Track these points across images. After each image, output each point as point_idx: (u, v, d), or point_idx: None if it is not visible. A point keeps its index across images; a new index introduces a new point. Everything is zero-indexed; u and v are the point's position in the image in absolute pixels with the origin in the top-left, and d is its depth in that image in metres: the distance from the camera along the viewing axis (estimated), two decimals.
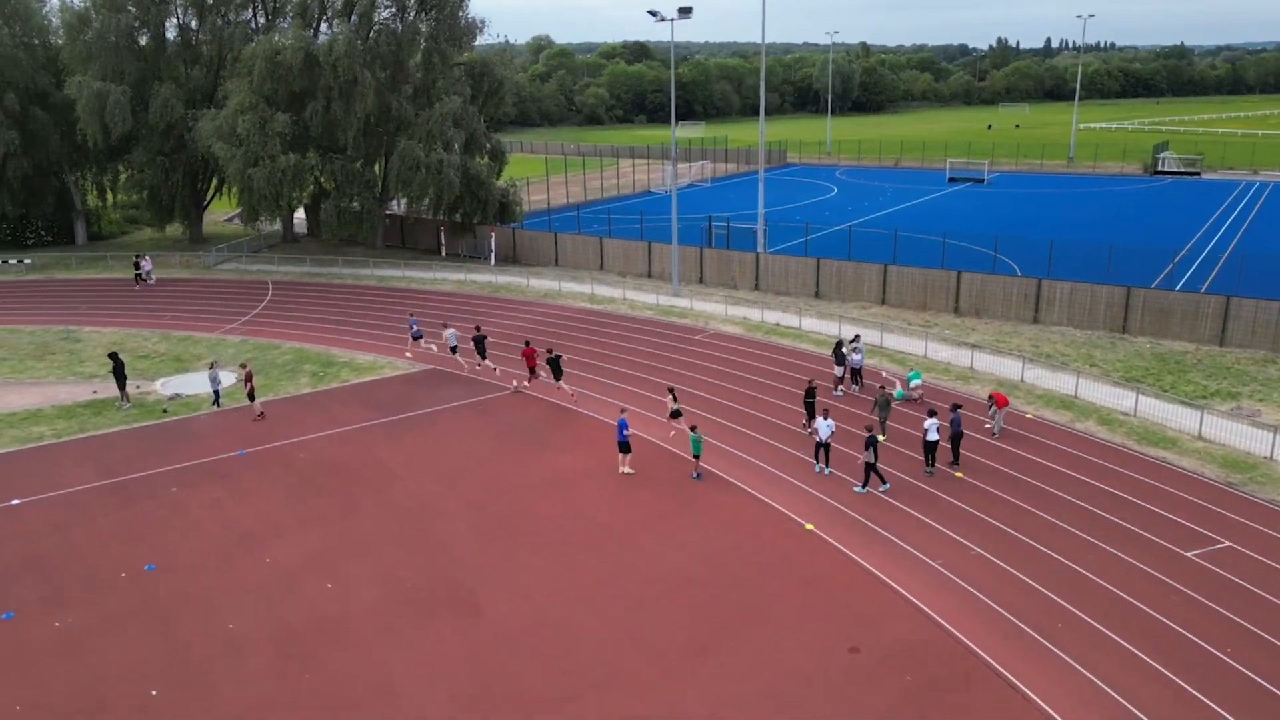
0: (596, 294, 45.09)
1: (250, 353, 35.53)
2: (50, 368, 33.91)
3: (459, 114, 50.37)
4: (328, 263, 52.39)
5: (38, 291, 46.65)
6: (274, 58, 47.16)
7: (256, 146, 46.78)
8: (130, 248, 58.10)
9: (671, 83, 44.96)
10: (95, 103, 49.21)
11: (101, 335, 38.20)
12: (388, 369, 33.69)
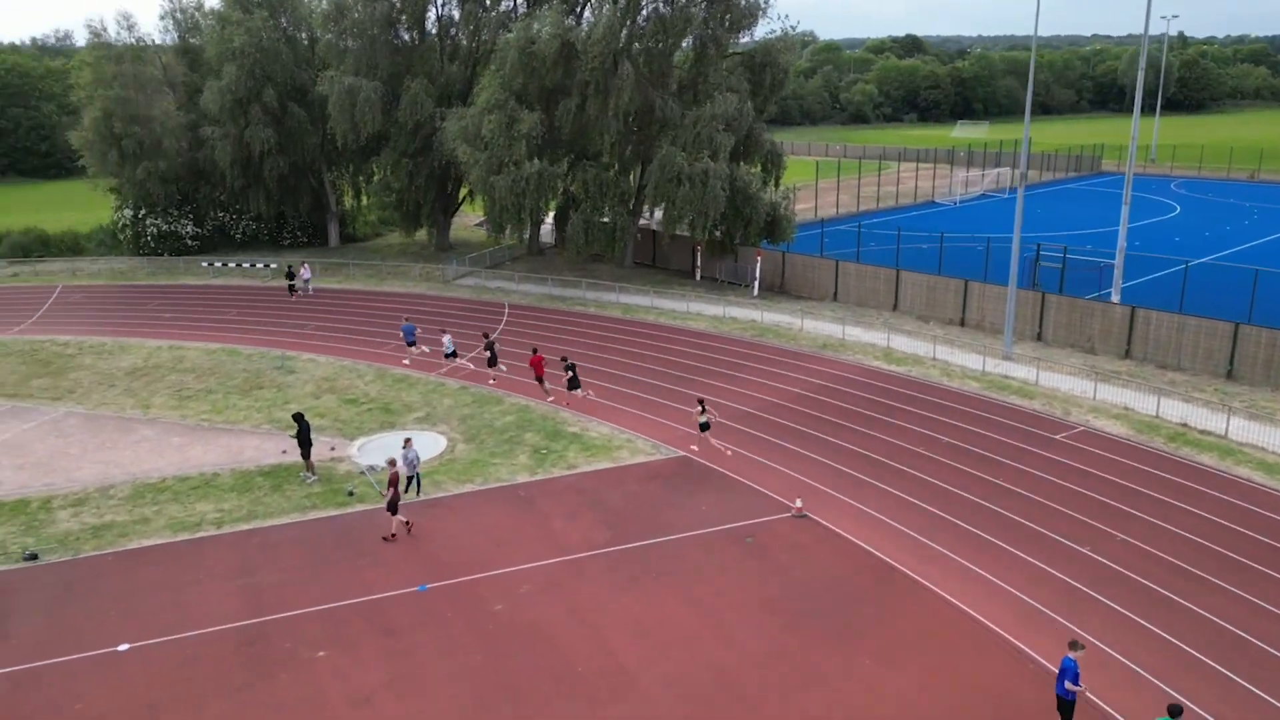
0: (894, 349, 34.61)
1: (468, 408, 28.92)
2: (252, 408, 29.20)
3: (732, 115, 41.65)
4: (571, 283, 45.87)
5: (274, 302, 43.86)
6: (527, 48, 41.00)
7: (501, 150, 40.89)
8: (379, 253, 55.34)
9: (1031, 70, 33.24)
10: (346, 99, 45.85)
11: (316, 366, 33.49)
12: (625, 450, 25.55)
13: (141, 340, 36.79)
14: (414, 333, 34.47)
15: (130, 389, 30.88)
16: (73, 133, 51.83)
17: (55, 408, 29.14)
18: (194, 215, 54.36)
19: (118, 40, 51.07)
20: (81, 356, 34.62)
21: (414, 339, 34.27)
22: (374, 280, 47.87)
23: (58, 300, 44.04)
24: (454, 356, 32.86)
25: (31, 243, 54.54)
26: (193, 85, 52.78)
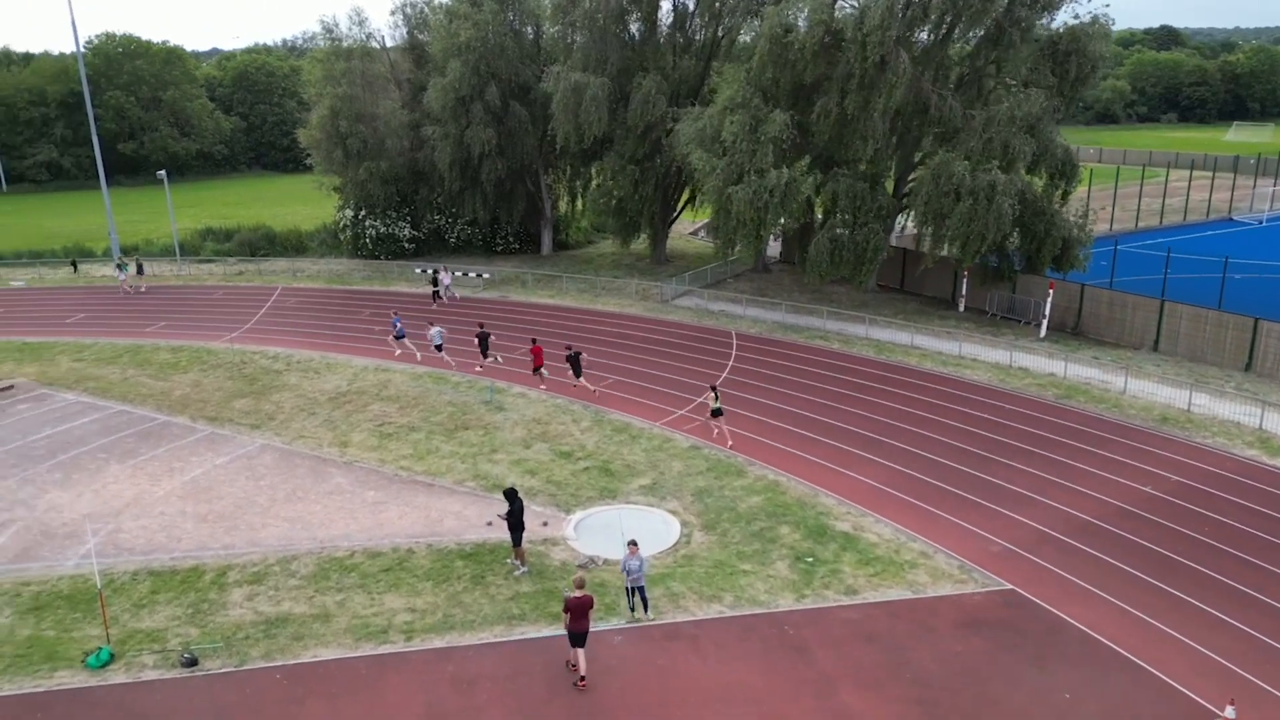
0: (1272, 433, 25.63)
1: (703, 478, 23.33)
2: (456, 455, 25.12)
3: (1036, 115, 33.60)
4: (806, 310, 39.45)
5: (486, 317, 40.51)
6: (782, 38, 34.93)
7: (743, 156, 35.12)
8: (591, 264, 51.40)
9: None
10: (571, 97, 41.76)
11: (527, 403, 29.17)
12: (922, 570, 18.93)
13: (349, 358, 34.18)
14: (398, 324, 34.82)
15: (330, 420, 27.81)
16: (301, 130, 51.49)
17: (252, 438, 26.43)
18: (411, 218, 52.77)
19: (348, 36, 50.11)
20: (288, 374, 32.32)
21: (404, 332, 34.71)
22: (588, 297, 43.63)
23: (275, 304, 43.00)
24: (440, 349, 33.23)
25: (259, 240, 55.10)
26: (418, 83, 50.98)
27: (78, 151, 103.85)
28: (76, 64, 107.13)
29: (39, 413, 28.46)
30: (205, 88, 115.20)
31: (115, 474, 23.91)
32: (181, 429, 27.11)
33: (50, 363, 33.71)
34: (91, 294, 45.74)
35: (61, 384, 31.24)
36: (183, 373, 32.51)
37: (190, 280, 48.67)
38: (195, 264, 52.20)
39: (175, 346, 35.63)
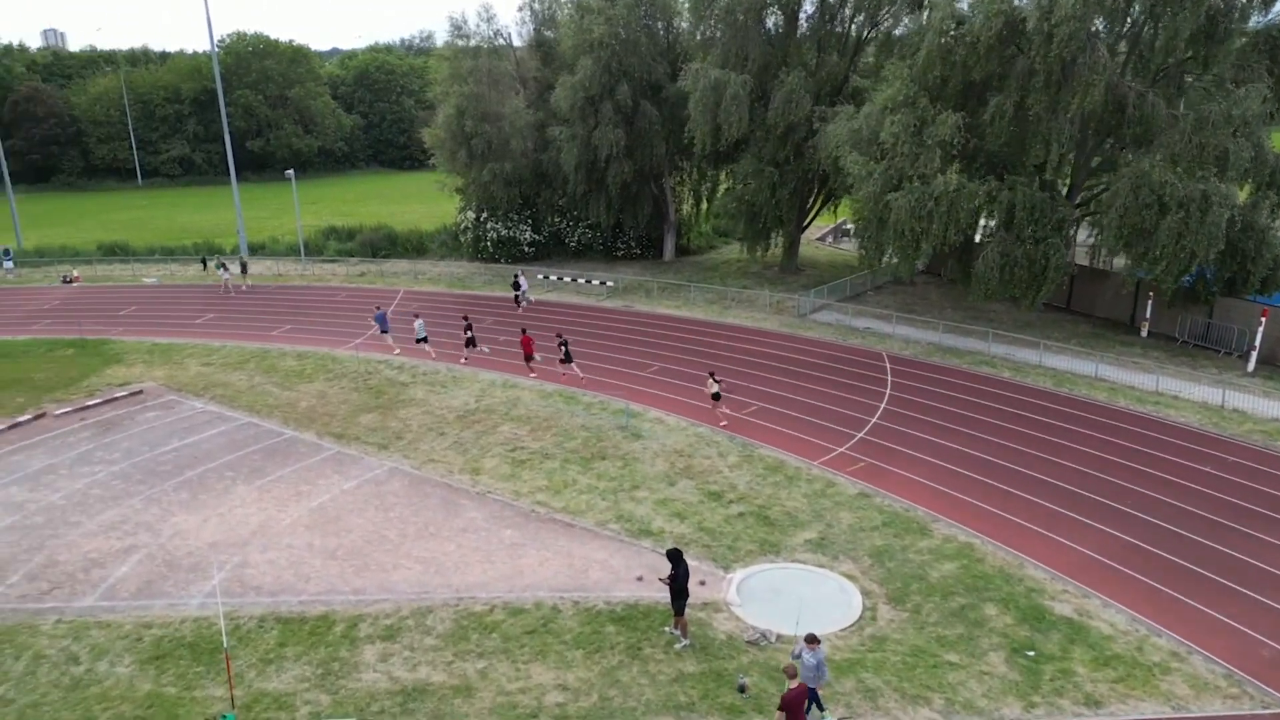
0: None
1: (879, 534, 20.28)
2: (595, 489, 22.84)
3: (1258, 116, 29.08)
4: (965, 330, 35.71)
5: (613, 328, 38.34)
6: (953, 31, 31.41)
7: (904, 161, 31.76)
8: (716, 271, 48.71)
9: None
10: (710, 96, 39.10)
11: (665, 430, 26.69)
12: (1178, 677, 15.42)
13: (475, 370, 32.46)
14: (385, 320, 35.45)
15: (460, 441, 25.99)
16: (426, 130, 50.57)
17: (380, 460, 24.82)
18: (532, 221, 51.20)
19: (476, 34, 48.84)
20: (414, 387, 30.81)
21: (386, 327, 35.33)
22: (716, 309, 40.93)
23: (397, 308, 41.93)
24: (424, 341, 34.00)
25: (381, 241, 54.59)
26: (544, 81, 49.35)
27: (208, 148, 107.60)
28: (210, 63, 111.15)
29: (167, 421, 27.68)
30: (328, 86, 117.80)
31: (242, 496, 22.61)
32: (308, 446, 25.76)
33: (179, 366, 33.24)
34: (220, 293, 45.78)
35: (190, 390, 30.56)
36: (308, 381, 31.43)
37: (314, 280, 48.31)
38: (319, 264, 51.99)
39: (301, 353, 34.72)
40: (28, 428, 27.23)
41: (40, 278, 48.83)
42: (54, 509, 21.87)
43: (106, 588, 18.47)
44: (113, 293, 45.50)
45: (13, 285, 47.24)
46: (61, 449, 25.50)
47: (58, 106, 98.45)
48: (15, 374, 32.03)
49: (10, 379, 31.46)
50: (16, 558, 19.62)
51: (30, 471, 23.96)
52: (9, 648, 16.45)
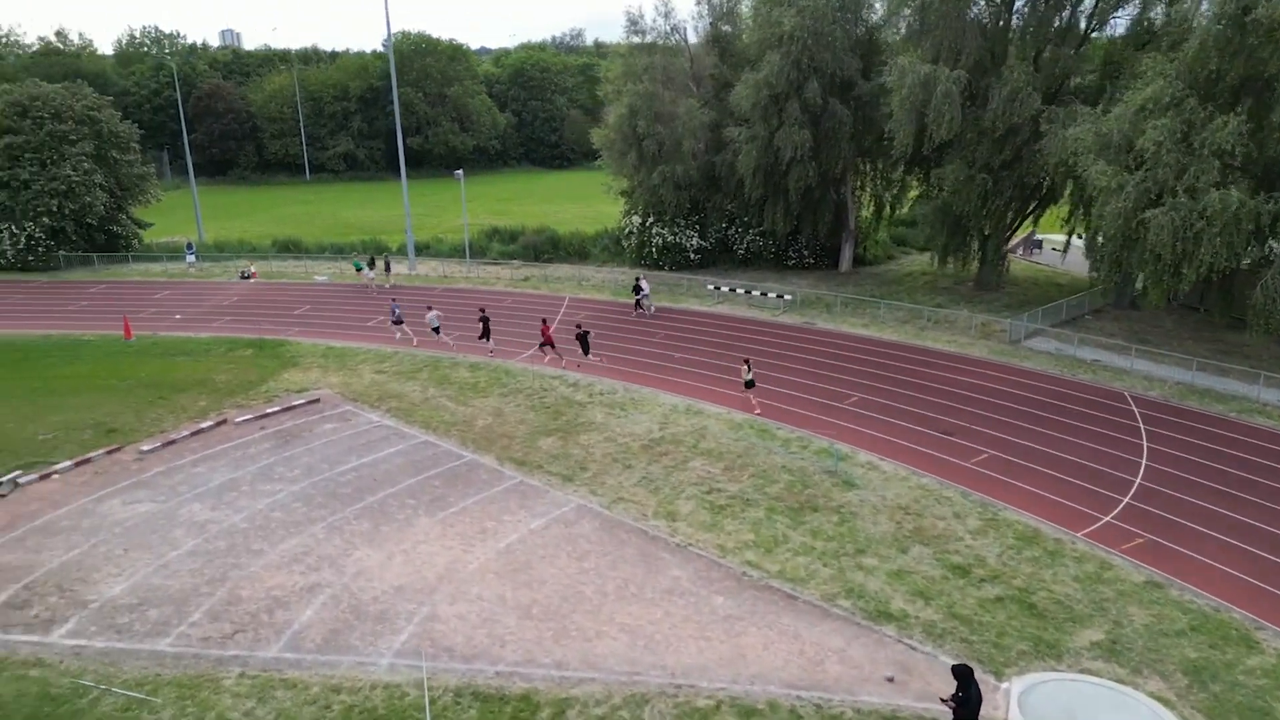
0: None
1: (1191, 641, 16.30)
2: (811, 549, 19.77)
3: None
4: (1222, 368, 30.46)
5: (795, 348, 35.10)
6: (1239, 16, 26.41)
7: (1168, 172, 27.02)
8: (900, 284, 44.58)
9: None
10: (918, 93, 35.18)
11: (881, 478, 23.27)
12: None
13: (654, 392, 29.99)
14: (397, 311, 36.31)
15: (649, 477, 23.49)
16: (595, 130, 48.72)
17: (566, 494, 22.61)
18: (699, 227, 48.55)
19: (652, 29, 46.58)
20: (592, 407, 28.62)
21: (401, 317, 36.19)
22: (910, 330, 36.99)
23: (564, 318, 40.13)
24: (438, 332, 34.86)
25: (543, 243, 53.24)
26: (721, 79, 46.57)
27: (370, 144, 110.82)
28: (376, 61, 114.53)
29: (345, 436, 26.50)
30: (484, 84, 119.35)
31: (425, 530, 20.84)
32: (489, 474, 23.88)
33: (353, 372, 32.35)
34: (391, 295, 45.36)
35: (365, 400, 29.45)
36: (483, 397, 29.78)
37: (479, 283, 47.30)
38: (483, 265, 51.08)
39: (474, 364, 33.24)
40: (209, 434, 26.64)
41: (220, 272, 50.02)
42: (235, 533, 20.73)
43: (291, 635, 16.88)
44: (287, 290, 45.87)
45: (195, 279, 48.52)
46: (243, 461, 24.62)
47: (236, 103, 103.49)
48: (198, 374, 31.94)
49: (193, 379, 31.33)
50: (199, 590, 18.40)
51: (213, 486, 23.09)
52: (191, 706, 14.97)
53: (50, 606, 17.78)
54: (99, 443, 25.77)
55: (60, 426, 26.95)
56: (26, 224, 48.29)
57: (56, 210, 48.39)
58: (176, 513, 21.66)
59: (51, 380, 31.18)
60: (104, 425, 27.03)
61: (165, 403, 29.00)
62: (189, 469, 24.22)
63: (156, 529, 20.86)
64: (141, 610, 17.63)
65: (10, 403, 28.89)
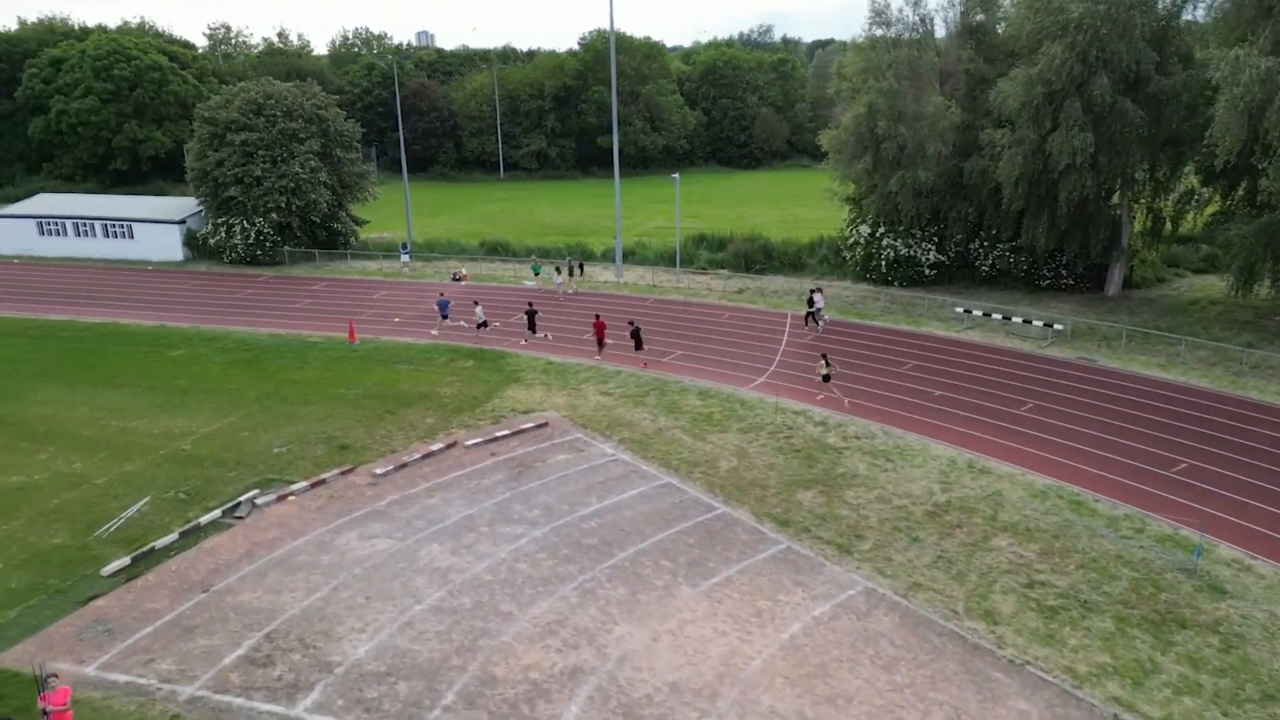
0: None
1: None
2: (1194, 685, 15.10)
3: None
4: None
5: (1075, 390, 29.75)
6: None
7: None
8: (1184, 313, 37.84)
9: None
10: (1253, 93, 28.91)
11: (1257, 579, 18.15)
12: None
13: (921, 439, 25.79)
14: (448, 307, 36.94)
15: (946, 556, 19.47)
16: (825, 132, 44.54)
17: (846, 570, 18.97)
18: (938, 239, 43.51)
19: (899, 20, 41.89)
20: (850, 454, 24.81)
21: (447, 313, 36.73)
22: (1222, 376, 30.70)
23: (791, 338, 36.46)
24: (484, 326, 35.52)
25: (755, 253, 49.65)
26: (976, 75, 41.31)
27: (563, 143, 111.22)
28: (571, 60, 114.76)
29: (580, 470, 24.03)
30: (675, 82, 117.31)
31: (688, 604, 17.82)
32: (748, 533, 20.63)
33: (578, 393, 30.06)
34: (601, 303, 43.28)
35: (594, 428, 26.98)
36: (720, 431, 26.62)
37: (690, 295, 44.41)
38: (692, 275, 48.16)
39: (703, 390, 30.18)
40: (440, 458, 24.91)
41: (431, 273, 49.77)
42: (480, 586, 18.49)
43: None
44: (498, 294, 44.76)
45: (409, 279, 48.42)
46: (478, 495, 22.59)
47: (439, 101, 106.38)
48: (422, 386, 30.63)
49: (418, 392, 30.02)
50: (449, 661, 16.14)
51: (450, 525, 21.10)
52: None
53: (294, 666, 16.03)
54: (332, 460, 24.60)
55: (293, 439, 26.07)
56: (256, 219, 49.82)
57: (284, 206, 49.63)
58: (415, 554, 19.75)
59: (282, 385, 30.77)
60: (336, 440, 25.92)
61: (394, 417, 27.69)
62: (423, 499, 22.43)
63: (397, 573, 18.97)
64: (390, 683, 15.53)
65: (245, 408, 28.50)
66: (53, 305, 42.40)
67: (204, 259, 52.41)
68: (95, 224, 53.52)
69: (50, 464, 24.26)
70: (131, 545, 20.01)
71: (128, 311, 41.06)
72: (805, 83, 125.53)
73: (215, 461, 24.48)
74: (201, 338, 36.73)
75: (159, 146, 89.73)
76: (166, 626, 17.14)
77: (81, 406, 28.49)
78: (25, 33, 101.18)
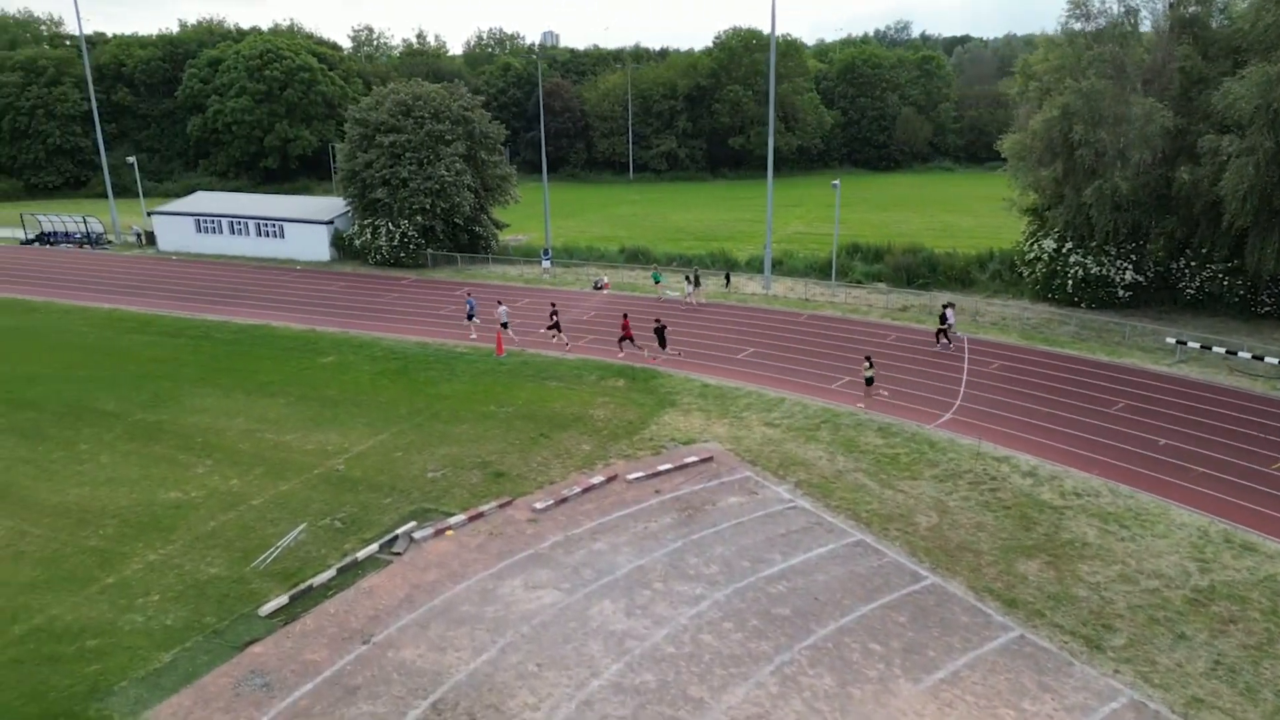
0: None
1: None
2: None
3: None
4: None
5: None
6: None
7: None
8: None
9: None
10: None
11: None
12: None
13: (1160, 501, 21.95)
14: (475, 307, 37.62)
15: (1224, 661, 15.93)
16: (1008, 136, 40.39)
17: (1099, 669, 15.71)
18: (1135, 258, 38.80)
19: (1102, 12, 37.42)
20: (1072, 514, 21.35)
21: (473, 312, 37.29)
22: None
23: (974, 367, 32.88)
24: (506, 327, 35.71)
25: (918, 266, 45.93)
26: (1193, 74, 36.48)
27: (693, 144, 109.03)
28: (705, 59, 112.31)
29: (756, 518, 21.53)
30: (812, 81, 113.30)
31: (912, 704, 15.04)
32: (969, 613, 17.63)
33: (740, 422, 27.57)
34: (748, 317, 40.67)
35: (764, 465, 24.43)
36: (909, 477, 23.59)
37: (848, 311, 41.22)
38: (848, 289, 44.85)
39: (882, 425, 27.12)
40: (601, 493, 22.91)
41: (572, 280, 48.29)
42: (663, 660, 16.24)
43: None
44: (639, 305, 42.80)
45: (550, 286, 47.08)
46: (646, 542, 20.43)
47: (572, 102, 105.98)
48: (574, 407, 28.80)
49: (571, 414, 28.19)
50: None
51: (620, 577, 18.99)
52: None
53: None
54: (487, 489, 22.98)
55: (447, 462, 24.63)
56: (401, 221, 49.57)
57: (429, 209, 49.19)
58: (586, 612, 17.71)
59: (433, 400, 29.54)
60: (491, 466, 24.32)
61: (548, 442, 25.92)
62: (588, 543, 20.43)
63: (569, 635, 16.95)
64: None
65: (397, 425, 27.34)
66: (209, 304, 43.06)
67: (349, 260, 52.70)
68: (249, 223, 54.69)
69: (207, 480, 23.59)
70: (289, 580, 18.80)
71: (278, 313, 41.19)
72: (950, 82, 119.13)
73: (369, 485, 23.25)
74: (350, 344, 36.18)
75: (306, 145, 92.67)
76: (327, 684, 15.65)
77: (238, 416, 27.99)
78: (186, 34, 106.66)
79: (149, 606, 17.90)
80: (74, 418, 27.87)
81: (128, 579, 18.89)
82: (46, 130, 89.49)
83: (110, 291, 45.91)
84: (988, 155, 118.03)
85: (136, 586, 18.61)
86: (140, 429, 27.04)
